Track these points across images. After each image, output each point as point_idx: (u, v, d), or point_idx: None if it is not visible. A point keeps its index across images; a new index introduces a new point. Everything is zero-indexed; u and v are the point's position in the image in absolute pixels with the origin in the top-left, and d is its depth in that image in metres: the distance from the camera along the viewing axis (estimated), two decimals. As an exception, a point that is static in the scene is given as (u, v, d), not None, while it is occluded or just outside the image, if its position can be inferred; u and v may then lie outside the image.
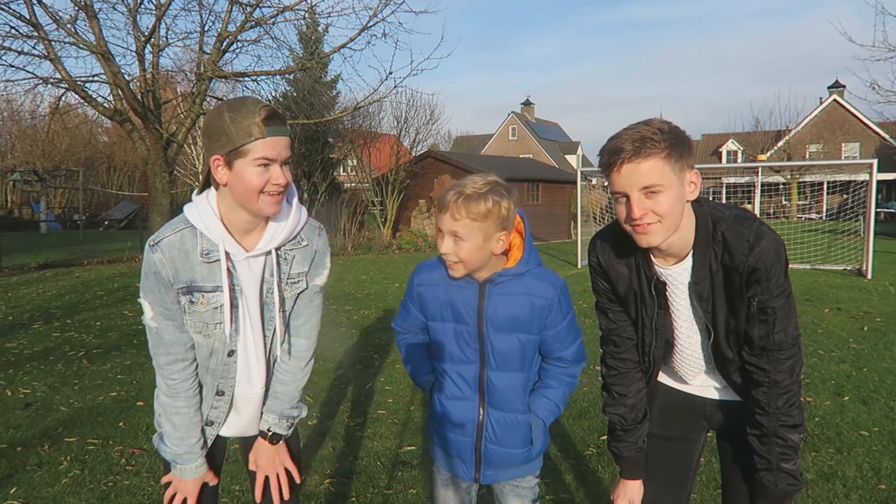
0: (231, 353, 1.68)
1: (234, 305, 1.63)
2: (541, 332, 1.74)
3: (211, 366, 1.68)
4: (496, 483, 1.88)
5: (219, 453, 1.82)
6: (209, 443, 1.74)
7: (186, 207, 1.61)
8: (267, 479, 1.80)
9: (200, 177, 1.76)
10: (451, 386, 1.80)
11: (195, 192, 1.63)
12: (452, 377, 1.79)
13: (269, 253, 1.64)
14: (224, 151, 1.49)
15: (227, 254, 1.58)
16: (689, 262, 1.59)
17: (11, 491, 3.20)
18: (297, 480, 1.83)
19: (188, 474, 1.68)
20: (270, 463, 1.77)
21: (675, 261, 1.61)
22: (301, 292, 1.73)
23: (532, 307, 1.71)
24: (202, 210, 1.58)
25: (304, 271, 1.72)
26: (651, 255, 1.64)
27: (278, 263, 1.66)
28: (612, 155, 1.47)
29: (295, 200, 1.68)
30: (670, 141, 1.44)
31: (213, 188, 1.61)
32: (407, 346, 1.93)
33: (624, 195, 1.49)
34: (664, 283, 1.64)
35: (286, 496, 1.78)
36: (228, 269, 1.59)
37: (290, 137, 1.56)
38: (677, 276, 1.62)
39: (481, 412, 1.77)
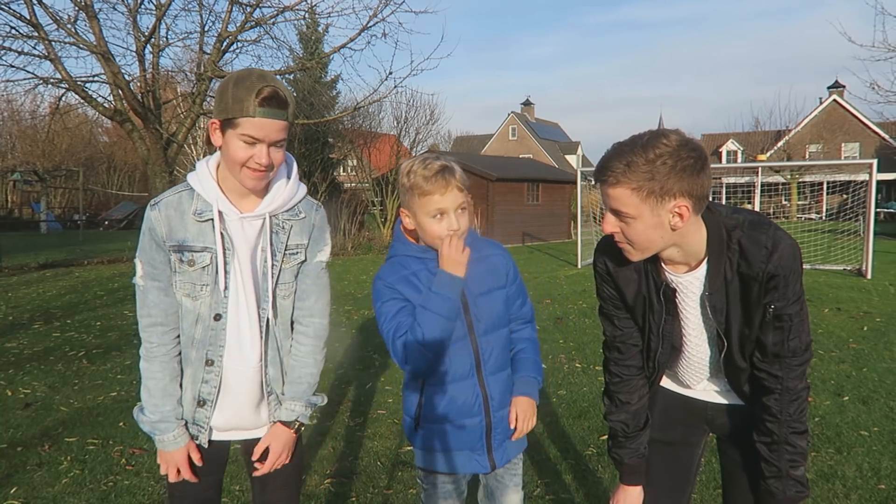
0: (218, 318, 1.66)
1: (227, 270, 1.64)
2: (509, 284, 1.86)
3: (197, 336, 1.67)
4: (497, 471, 1.89)
5: (219, 457, 1.80)
6: (204, 436, 1.72)
7: (189, 174, 1.68)
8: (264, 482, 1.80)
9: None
10: (449, 366, 1.77)
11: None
12: (449, 357, 1.76)
13: (264, 217, 1.67)
14: (220, 118, 1.56)
15: (220, 214, 1.63)
16: (702, 270, 1.56)
17: (11, 491, 3.20)
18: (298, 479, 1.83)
19: (168, 445, 1.67)
20: (285, 451, 1.77)
21: (686, 269, 1.58)
22: (301, 265, 1.75)
23: (497, 264, 1.85)
24: (200, 172, 1.66)
25: (303, 244, 1.74)
26: (661, 262, 1.61)
27: (274, 231, 1.69)
28: (596, 170, 1.49)
29: (294, 174, 1.73)
30: (653, 173, 1.38)
31: (218, 151, 1.68)
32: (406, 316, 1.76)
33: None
34: (674, 290, 1.61)
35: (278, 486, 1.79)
36: (221, 231, 1.63)
37: (286, 121, 1.57)
38: (688, 285, 1.59)
39: (483, 381, 1.80)
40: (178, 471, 1.69)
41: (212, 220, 1.62)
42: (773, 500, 1.59)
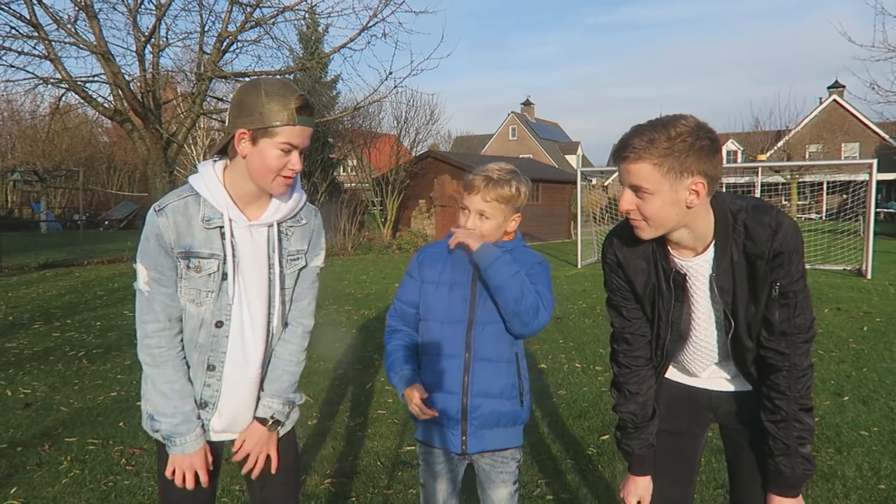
0: (220, 324, 1.66)
1: (231, 277, 1.64)
2: None
3: (200, 340, 1.67)
4: (481, 459, 1.94)
5: (214, 458, 1.78)
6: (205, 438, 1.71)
7: (191, 177, 1.66)
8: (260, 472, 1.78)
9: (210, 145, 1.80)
10: (440, 344, 1.92)
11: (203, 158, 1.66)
12: (442, 336, 1.93)
13: (271, 225, 1.68)
14: (252, 127, 1.55)
15: (229, 220, 1.63)
16: (709, 254, 1.61)
17: (12, 491, 3.20)
18: (274, 469, 1.78)
19: (189, 447, 1.64)
20: (261, 449, 1.75)
21: (693, 253, 1.63)
22: (300, 270, 1.77)
23: (520, 263, 1.92)
24: (207, 178, 1.63)
25: (303, 249, 1.77)
26: (669, 248, 1.65)
27: (280, 238, 1.71)
28: (616, 148, 1.55)
29: (297, 182, 1.75)
30: (673, 149, 1.45)
31: (220, 158, 1.67)
32: (393, 346, 2.02)
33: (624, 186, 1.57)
34: (684, 276, 1.65)
35: (258, 473, 1.75)
36: (229, 237, 1.63)
37: (313, 128, 1.63)
38: (698, 269, 1.63)
39: (467, 365, 1.90)
40: (188, 476, 1.66)
41: (220, 227, 1.62)
42: (782, 478, 1.62)
